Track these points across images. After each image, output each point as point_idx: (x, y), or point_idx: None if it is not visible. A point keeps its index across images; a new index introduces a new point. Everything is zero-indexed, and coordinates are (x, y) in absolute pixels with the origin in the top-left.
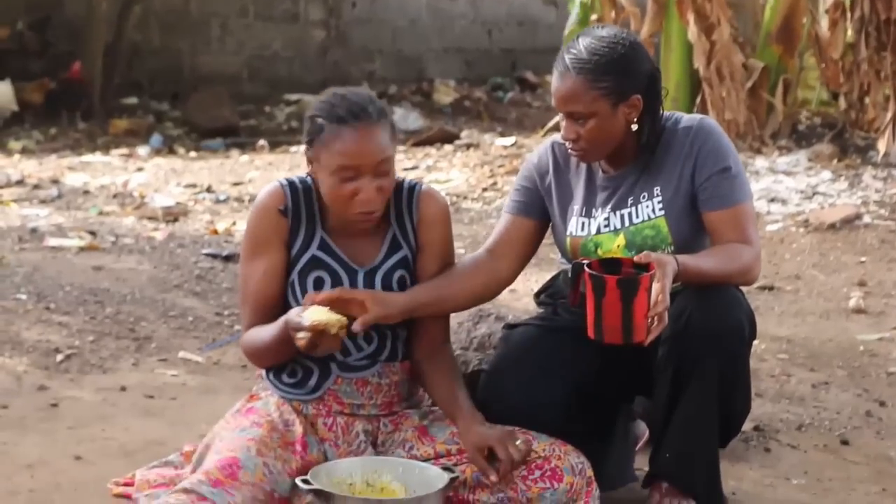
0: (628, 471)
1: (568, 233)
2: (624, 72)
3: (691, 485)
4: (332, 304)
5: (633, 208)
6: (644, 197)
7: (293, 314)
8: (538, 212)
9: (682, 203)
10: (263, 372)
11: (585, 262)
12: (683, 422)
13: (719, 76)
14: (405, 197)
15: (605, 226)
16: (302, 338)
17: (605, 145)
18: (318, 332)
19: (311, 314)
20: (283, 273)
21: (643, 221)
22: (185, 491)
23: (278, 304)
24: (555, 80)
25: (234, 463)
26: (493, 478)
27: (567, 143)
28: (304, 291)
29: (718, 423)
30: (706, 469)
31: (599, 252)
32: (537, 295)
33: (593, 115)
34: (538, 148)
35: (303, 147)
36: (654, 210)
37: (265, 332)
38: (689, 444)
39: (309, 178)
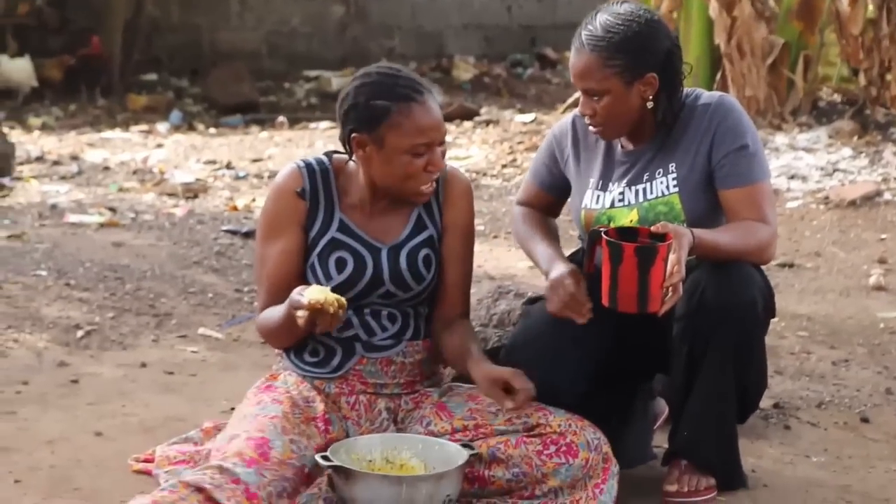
0: (647, 449)
1: (582, 205)
2: (638, 50)
3: (709, 462)
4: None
5: (648, 184)
6: (659, 173)
7: (294, 293)
8: (557, 190)
9: (697, 180)
10: (283, 352)
11: (603, 229)
12: (700, 398)
13: (740, 52)
14: None
15: (620, 200)
16: (301, 316)
17: (621, 122)
18: (317, 311)
19: (311, 293)
20: (299, 255)
21: (657, 197)
22: (221, 469)
23: (293, 286)
24: (572, 56)
25: (264, 443)
26: (510, 405)
27: (585, 119)
28: (325, 273)
29: (735, 399)
30: (724, 445)
31: (612, 226)
32: None
33: (607, 92)
34: (559, 122)
35: (326, 123)
36: (668, 186)
37: (276, 313)
38: (707, 421)
39: (327, 159)
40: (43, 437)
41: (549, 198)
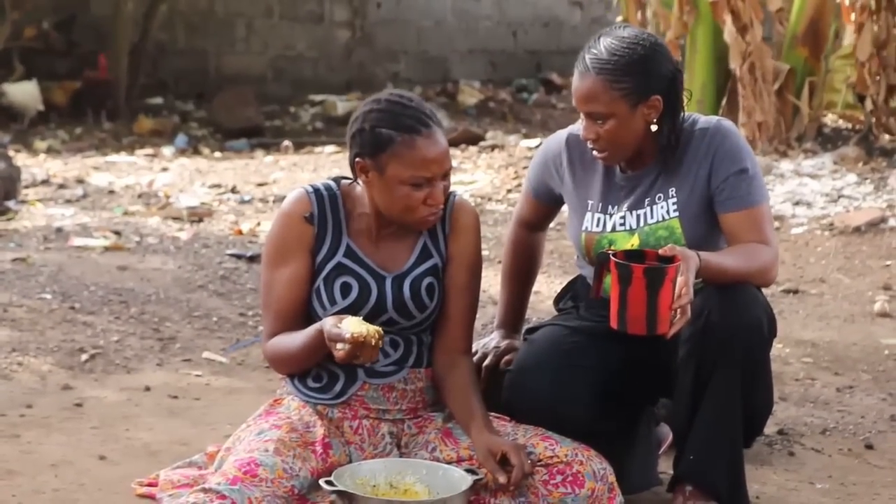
0: (652, 474)
1: (583, 228)
2: (644, 73)
3: (714, 486)
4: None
5: (649, 209)
6: (659, 198)
7: (330, 325)
8: (553, 201)
9: (697, 204)
10: (287, 377)
11: (611, 252)
12: (706, 422)
13: (752, 78)
14: None
15: (621, 224)
16: (341, 349)
17: (624, 146)
18: (359, 344)
19: (350, 326)
20: (307, 280)
21: (657, 222)
22: (205, 490)
23: (302, 311)
24: (575, 80)
25: (252, 461)
26: (503, 480)
27: (588, 144)
28: (330, 298)
29: (742, 422)
30: (730, 469)
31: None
32: (557, 301)
33: (612, 115)
34: (552, 139)
35: (332, 147)
36: (668, 211)
37: (293, 341)
38: (713, 444)
39: (335, 185)
40: (47, 461)
41: (546, 209)
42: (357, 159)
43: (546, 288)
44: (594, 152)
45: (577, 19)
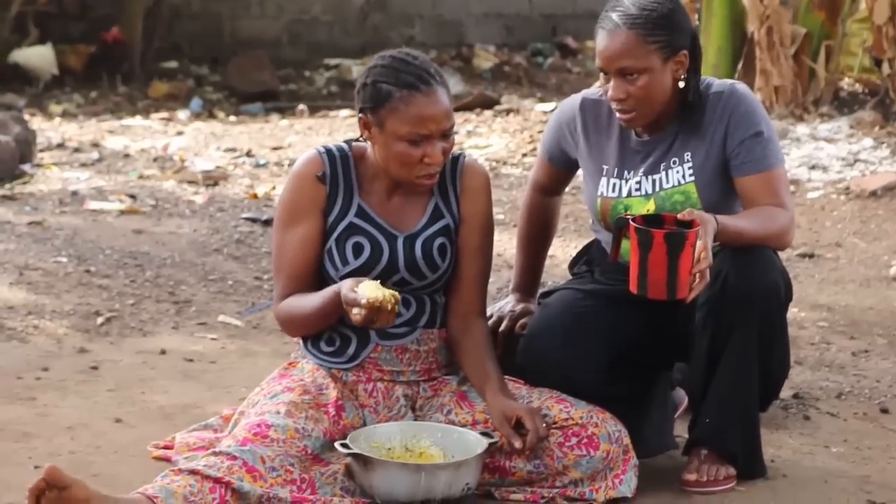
0: (667, 438)
1: (598, 193)
2: (673, 27)
3: (730, 448)
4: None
5: (664, 173)
6: (675, 162)
7: (347, 289)
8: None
9: (713, 169)
10: (300, 339)
11: (630, 216)
12: (723, 385)
13: (770, 41)
14: (448, 168)
15: (637, 189)
16: (357, 313)
17: (653, 104)
18: (375, 309)
19: (366, 290)
20: (319, 241)
21: (673, 187)
22: (215, 454)
23: (314, 273)
24: (602, 39)
25: (262, 423)
26: (518, 445)
27: (614, 105)
28: (342, 258)
29: (758, 386)
30: (747, 433)
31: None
32: (572, 265)
33: (645, 70)
34: (566, 103)
35: (346, 111)
36: (684, 176)
37: (307, 303)
38: (729, 407)
39: (346, 146)
40: (63, 424)
41: (561, 173)
42: (360, 114)
43: (561, 252)
44: (619, 114)
45: None
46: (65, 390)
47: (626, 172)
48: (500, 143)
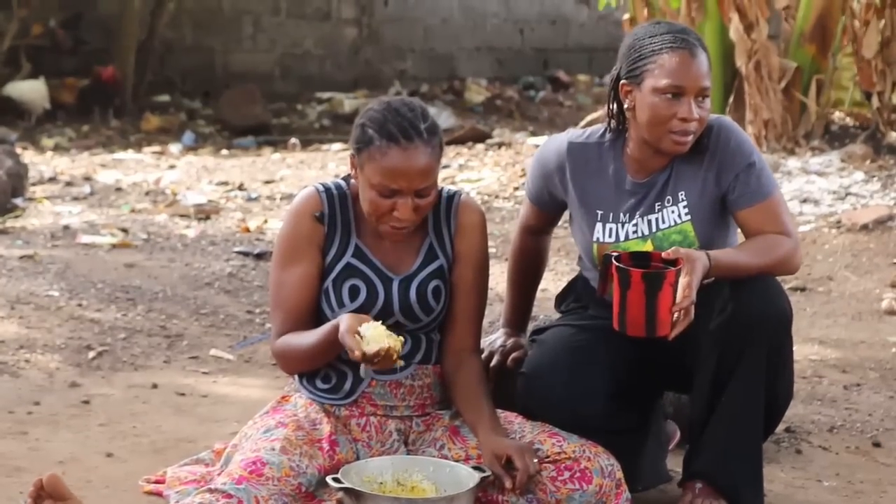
0: (661, 470)
1: (594, 238)
2: None
3: (731, 481)
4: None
5: (660, 213)
6: (669, 202)
7: (348, 333)
8: (557, 208)
9: (708, 205)
10: (296, 375)
11: (615, 254)
12: (727, 414)
13: (758, 76)
14: (444, 206)
15: (634, 232)
16: (358, 356)
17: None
18: (381, 357)
19: (374, 337)
20: (317, 280)
21: (669, 227)
22: (210, 491)
23: (312, 311)
24: (685, 59)
25: (258, 461)
26: (508, 485)
27: (686, 127)
28: (338, 300)
29: (762, 418)
30: (750, 465)
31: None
32: (558, 303)
33: (709, 92)
34: (548, 148)
35: (338, 145)
36: (679, 215)
37: (304, 341)
38: (732, 437)
39: (344, 184)
40: (54, 458)
41: (549, 216)
42: (350, 151)
43: (553, 285)
44: (681, 138)
45: (584, 17)
46: (56, 424)
47: (622, 216)
48: (492, 176)
